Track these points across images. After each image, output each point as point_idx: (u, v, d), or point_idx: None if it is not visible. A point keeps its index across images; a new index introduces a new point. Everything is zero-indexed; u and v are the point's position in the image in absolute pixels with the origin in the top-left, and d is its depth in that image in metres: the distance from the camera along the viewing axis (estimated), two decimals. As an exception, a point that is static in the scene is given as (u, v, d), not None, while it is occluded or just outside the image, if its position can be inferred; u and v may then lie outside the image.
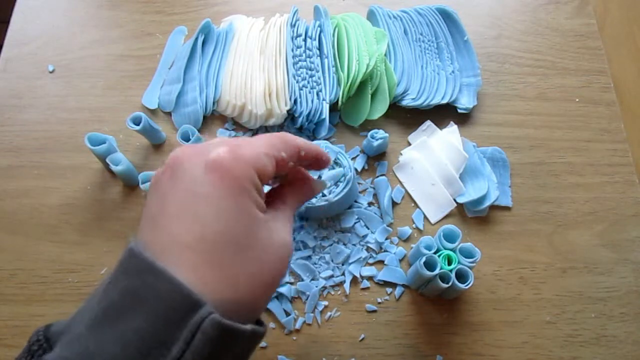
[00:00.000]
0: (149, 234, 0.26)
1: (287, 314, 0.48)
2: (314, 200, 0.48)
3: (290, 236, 0.29)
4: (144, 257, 0.25)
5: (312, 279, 0.49)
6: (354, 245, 0.50)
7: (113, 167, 0.49)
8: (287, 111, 0.54)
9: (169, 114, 0.57)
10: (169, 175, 0.27)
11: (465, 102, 0.57)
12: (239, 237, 0.26)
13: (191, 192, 0.26)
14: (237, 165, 0.26)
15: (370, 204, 0.53)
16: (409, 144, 0.56)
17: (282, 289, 0.48)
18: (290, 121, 0.56)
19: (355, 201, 0.52)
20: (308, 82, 0.55)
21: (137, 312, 0.24)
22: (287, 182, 0.34)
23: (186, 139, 0.50)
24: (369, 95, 0.55)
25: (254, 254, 0.26)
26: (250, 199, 0.27)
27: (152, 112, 0.57)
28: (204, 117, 0.56)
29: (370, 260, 0.50)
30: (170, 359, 0.23)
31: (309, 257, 0.50)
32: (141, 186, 0.49)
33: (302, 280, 0.49)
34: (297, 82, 0.54)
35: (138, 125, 0.50)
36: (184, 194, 0.26)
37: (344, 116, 0.57)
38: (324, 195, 0.48)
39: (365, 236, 0.51)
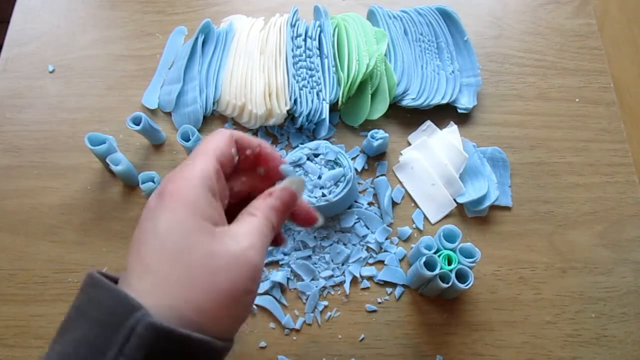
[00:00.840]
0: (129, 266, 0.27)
1: (283, 306, 0.48)
2: (313, 200, 0.48)
3: (254, 248, 0.27)
4: (93, 274, 0.26)
5: (312, 279, 0.49)
6: (354, 245, 0.50)
7: (113, 167, 0.49)
8: (287, 111, 0.54)
9: (169, 114, 0.57)
10: (142, 216, 0.28)
11: (465, 102, 0.57)
12: (179, 249, 0.26)
13: (143, 222, 0.27)
14: (178, 186, 0.27)
15: (370, 204, 0.53)
16: (409, 144, 0.56)
17: (277, 277, 0.48)
18: (290, 121, 0.56)
19: (355, 201, 0.52)
20: (308, 82, 0.55)
21: (79, 323, 0.25)
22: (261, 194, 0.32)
23: (186, 139, 0.50)
24: (369, 95, 0.55)
25: (203, 264, 0.26)
26: (194, 213, 0.27)
27: (152, 112, 0.57)
28: (204, 117, 0.56)
29: (370, 260, 0.50)
30: None
31: (309, 257, 0.50)
32: (141, 186, 0.49)
33: (303, 280, 0.49)
34: (297, 82, 0.54)
35: (138, 125, 0.50)
36: (142, 225, 0.27)
37: (344, 116, 0.57)
38: (324, 195, 0.48)
39: (365, 236, 0.51)
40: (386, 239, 0.51)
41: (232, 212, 0.30)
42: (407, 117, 0.57)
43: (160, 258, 0.26)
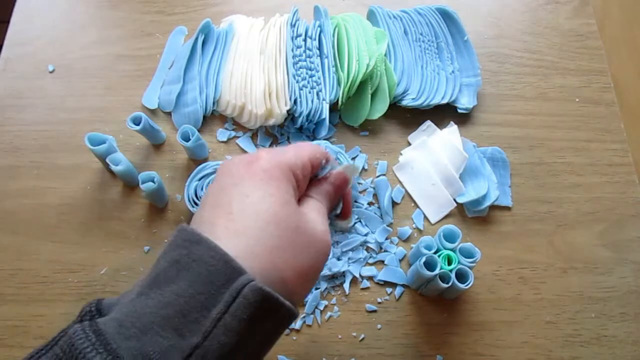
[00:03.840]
0: (211, 221, 0.29)
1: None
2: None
3: (328, 232, 0.31)
4: (192, 230, 0.27)
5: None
6: (354, 245, 0.50)
7: (113, 167, 0.49)
8: (287, 111, 0.54)
9: (169, 114, 0.57)
10: (224, 181, 0.30)
11: (465, 102, 0.57)
12: (271, 220, 0.28)
13: (230, 187, 0.29)
14: (271, 165, 0.30)
15: (370, 204, 0.53)
16: (409, 144, 0.56)
17: None
18: (290, 121, 0.56)
19: (355, 201, 0.52)
20: (308, 82, 0.55)
21: (182, 277, 0.26)
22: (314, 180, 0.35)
23: (186, 139, 0.50)
24: (369, 95, 0.55)
25: (290, 238, 0.28)
26: (285, 191, 0.29)
27: (152, 112, 0.57)
28: (204, 117, 0.56)
29: (370, 260, 0.50)
30: (210, 320, 0.25)
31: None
32: (141, 186, 0.49)
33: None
34: (297, 82, 0.54)
35: (138, 125, 0.50)
36: (229, 190, 0.29)
37: (344, 116, 0.57)
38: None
39: (365, 236, 0.51)
40: (386, 239, 0.51)
41: None
42: (407, 117, 0.57)
43: (255, 226, 0.27)
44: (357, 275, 0.49)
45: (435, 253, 0.45)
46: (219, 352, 0.25)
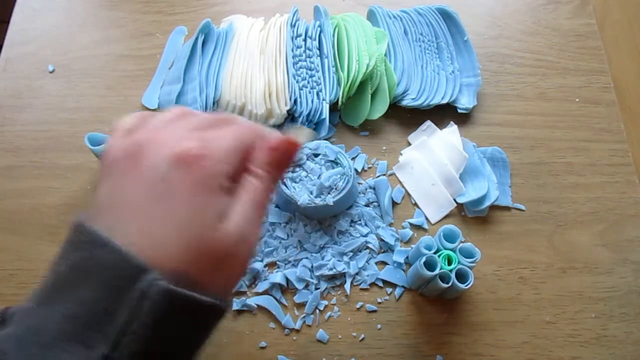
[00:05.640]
0: (106, 218, 0.26)
1: (283, 306, 0.48)
2: (317, 200, 0.48)
3: (251, 226, 0.27)
4: (93, 231, 0.25)
5: (307, 286, 0.49)
6: (353, 245, 0.50)
7: (113, 167, 0.49)
8: (287, 111, 0.54)
9: (169, 114, 0.57)
10: (130, 163, 0.26)
11: (465, 102, 0.57)
12: (201, 227, 0.25)
13: (153, 186, 0.25)
14: (205, 165, 0.25)
15: (370, 204, 0.53)
16: (409, 144, 0.56)
17: (277, 278, 0.48)
18: (290, 121, 0.56)
19: (355, 201, 0.52)
20: (308, 82, 0.55)
21: (82, 283, 0.24)
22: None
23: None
24: (369, 95, 0.55)
25: (202, 235, 0.25)
26: (213, 197, 0.26)
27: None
28: (204, 117, 0.56)
29: (371, 261, 0.50)
30: (115, 327, 0.23)
31: (308, 257, 0.50)
32: None
33: (301, 281, 0.49)
34: (297, 82, 0.54)
35: (138, 125, 0.50)
36: (145, 186, 0.25)
37: (344, 116, 0.57)
38: (324, 195, 0.48)
39: (365, 236, 0.51)
40: (396, 240, 0.51)
41: None
42: (407, 117, 0.57)
43: (165, 233, 0.25)
44: (357, 276, 0.49)
45: (435, 253, 0.45)
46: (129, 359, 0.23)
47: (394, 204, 0.53)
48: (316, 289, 0.48)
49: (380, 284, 0.49)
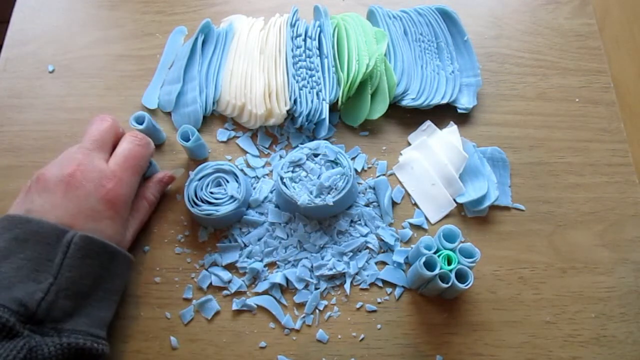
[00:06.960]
0: (34, 210, 0.41)
1: (283, 306, 0.48)
2: (317, 200, 0.48)
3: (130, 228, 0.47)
4: (20, 215, 0.40)
5: (307, 286, 0.49)
6: (353, 245, 0.50)
7: (113, 167, 0.49)
8: (287, 111, 0.54)
9: (169, 114, 0.57)
10: (63, 188, 0.41)
11: (465, 102, 0.57)
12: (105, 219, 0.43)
13: (84, 203, 0.41)
14: (119, 201, 0.43)
15: (370, 204, 0.53)
16: (409, 144, 0.56)
17: (277, 279, 0.48)
18: (290, 121, 0.56)
19: (355, 201, 0.52)
20: (308, 82, 0.55)
21: (23, 248, 0.38)
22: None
23: (186, 139, 0.50)
24: (369, 95, 0.55)
25: (112, 227, 0.43)
26: (121, 222, 0.44)
27: (152, 112, 0.57)
28: (204, 117, 0.56)
29: (371, 261, 0.50)
30: (54, 266, 0.38)
31: (308, 257, 0.50)
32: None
33: (301, 282, 0.49)
34: (297, 82, 0.54)
35: (141, 124, 0.50)
36: (76, 202, 0.41)
37: (343, 116, 0.57)
38: (323, 195, 0.48)
39: (365, 236, 0.51)
40: (396, 240, 0.51)
41: None
42: (407, 117, 0.57)
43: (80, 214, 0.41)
44: (357, 276, 0.49)
45: (435, 253, 0.45)
46: (68, 283, 0.38)
47: (394, 204, 0.53)
48: (316, 289, 0.48)
49: (380, 284, 0.49)
